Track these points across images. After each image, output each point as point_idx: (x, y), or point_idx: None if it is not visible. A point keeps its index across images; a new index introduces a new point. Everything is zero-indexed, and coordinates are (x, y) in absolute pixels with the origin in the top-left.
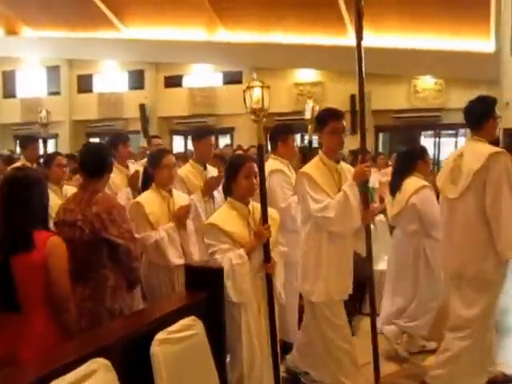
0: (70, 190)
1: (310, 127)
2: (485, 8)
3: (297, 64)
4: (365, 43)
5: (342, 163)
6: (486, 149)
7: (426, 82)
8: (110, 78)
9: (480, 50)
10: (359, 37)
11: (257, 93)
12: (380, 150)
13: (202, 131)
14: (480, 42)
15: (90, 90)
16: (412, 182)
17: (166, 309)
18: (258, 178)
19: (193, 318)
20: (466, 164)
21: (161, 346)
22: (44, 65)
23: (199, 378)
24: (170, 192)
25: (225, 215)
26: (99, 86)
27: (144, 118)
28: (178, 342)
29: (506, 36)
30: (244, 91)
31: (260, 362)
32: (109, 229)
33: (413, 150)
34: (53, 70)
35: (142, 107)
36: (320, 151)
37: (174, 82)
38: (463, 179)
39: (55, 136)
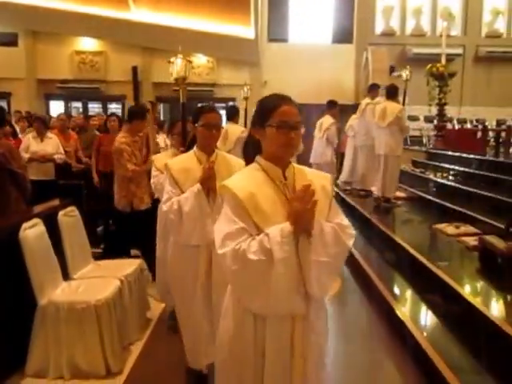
0: None
1: None
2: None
3: (76, 32)
4: (145, 20)
5: None
6: None
7: (201, 60)
8: None
9: (244, 36)
10: None
11: None
12: (162, 118)
13: None
14: (244, 29)
15: None
16: None
17: (58, 202)
18: None
19: (74, 207)
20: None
21: (63, 217)
22: None
23: (81, 236)
24: None
25: None
26: None
27: None
28: (70, 216)
29: (263, 25)
30: None
31: None
32: (11, 163)
33: None
34: None
35: None
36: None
37: None
38: None
39: None
